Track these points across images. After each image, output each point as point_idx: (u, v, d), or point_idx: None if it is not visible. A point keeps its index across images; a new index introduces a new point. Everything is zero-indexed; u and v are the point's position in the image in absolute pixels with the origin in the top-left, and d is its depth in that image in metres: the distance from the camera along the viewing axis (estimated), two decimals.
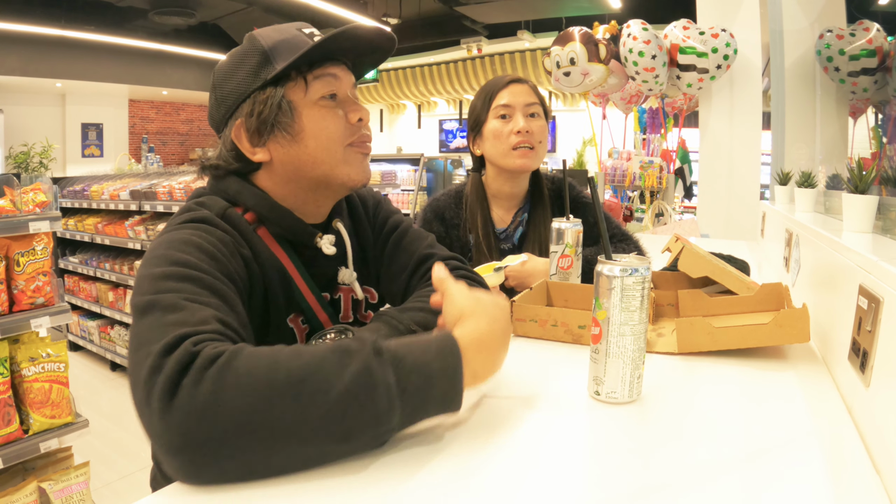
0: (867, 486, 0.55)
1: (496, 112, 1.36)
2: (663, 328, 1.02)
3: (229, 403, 0.51)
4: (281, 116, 0.79)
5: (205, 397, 0.51)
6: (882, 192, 1.10)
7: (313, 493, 0.52)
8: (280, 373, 0.53)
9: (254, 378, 0.52)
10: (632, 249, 1.39)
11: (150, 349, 0.55)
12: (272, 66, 0.79)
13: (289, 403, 0.52)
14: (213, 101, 0.85)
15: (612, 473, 0.57)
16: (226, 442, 0.51)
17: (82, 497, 1.75)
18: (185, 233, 0.74)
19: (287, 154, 0.81)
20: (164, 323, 0.59)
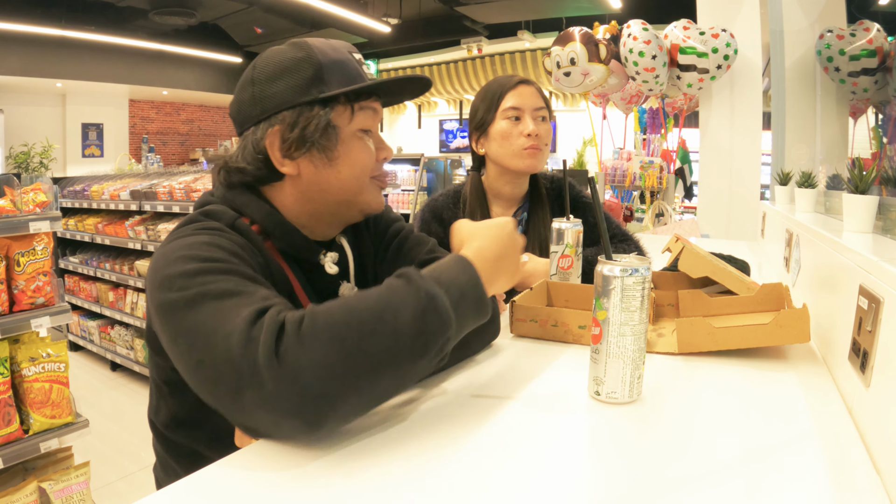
0: (867, 486, 0.55)
1: (505, 113, 1.36)
2: (663, 328, 1.02)
3: (330, 354, 0.56)
4: (324, 139, 0.80)
5: (309, 354, 0.56)
6: (882, 193, 1.10)
7: (312, 494, 0.52)
8: (358, 315, 0.59)
9: (340, 327, 0.58)
10: (632, 250, 1.39)
11: (229, 329, 0.58)
12: (325, 84, 0.79)
13: (376, 337, 0.58)
14: (247, 95, 0.81)
15: (612, 474, 0.57)
16: (337, 388, 0.56)
17: (82, 497, 1.75)
18: (202, 237, 0.73)
19: (317, 174, 0.81)
20: (227, 307, 0.61)
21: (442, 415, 0.69)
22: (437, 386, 0.78)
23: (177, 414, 0.84)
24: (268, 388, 0.55)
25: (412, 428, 0.65)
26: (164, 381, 0.83)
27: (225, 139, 11.88)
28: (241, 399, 0.57)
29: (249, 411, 0.57)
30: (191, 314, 0.62)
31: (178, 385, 0.77)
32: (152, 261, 0.74)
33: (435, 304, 0.62)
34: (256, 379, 0.55)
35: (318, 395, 0.55)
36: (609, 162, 4.42)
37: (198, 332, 0.60)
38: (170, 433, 0.86)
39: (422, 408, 0.71)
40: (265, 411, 0.56)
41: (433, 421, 0.67)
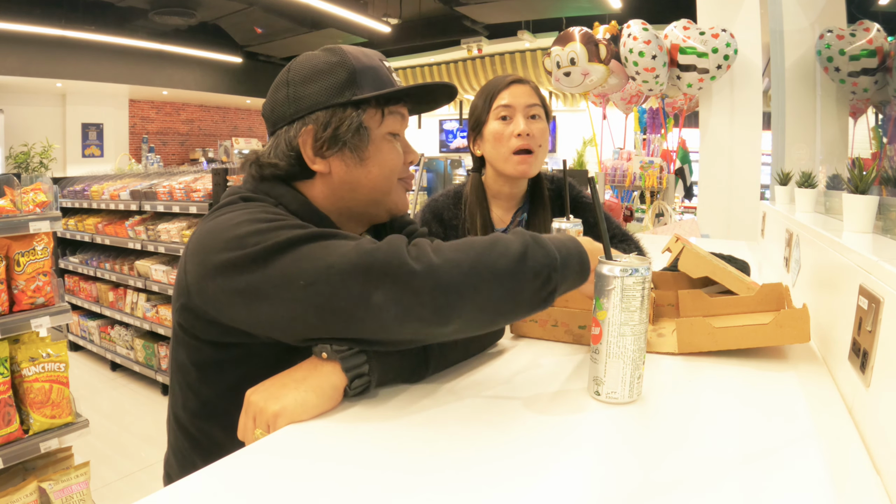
0: (867, 486, 0.55)
1: (497, 113, 1.34)
2: (663, 328, 1.02)
3: (457, 257, 0.65)
4: (356, 139, 0.83)
5: (439, 255, 0.65)
6: (882, 193, 1.10)
7: (316, 490, 0.53)
8: (472, 242, 0.69)
9: (461, 244, 0.68)
10: (632, 249, 1.39)
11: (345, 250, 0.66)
12: (358, 88, 0.83)
13: (491, 254, 0.67)
14: (282, 96, 0.85)
15: (612, 474, 0.57)
16: (465, 283, 0.64)
17: (82, 497, 1.75)
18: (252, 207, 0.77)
19: (349, 173, 0.85)
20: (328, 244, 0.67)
21: (442, 415, 0.69)
22: (438, 386, 0.78)
23: (208, 400, 0.82)
24: (402, 279, 0.62)
25: (412, 428, 0.65)
26: (195, 364, 0.82)
27: (225, 139, 11.87)
28: (369, 301, 0.62)
29: (376, 312, 0.63)
30: (282, 257, 0.66)
31: (212, 366, 0.80)
32: (197, 238, 0.76)
33: (538, 241, 0.70)
34: (389, 276, 0.62)
35: (449, 284, 0.63)
36: (609, 162, 4.42)
37: (301, 263, 0.65)
38: (200, 423, 0.84)
39: (422, 408, 0.71)
40: (397, 304, 0.62)
41: (433, 421, 0.67)
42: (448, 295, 0.64)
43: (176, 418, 0.87)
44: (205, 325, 0.77)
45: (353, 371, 0.69)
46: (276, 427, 0.64)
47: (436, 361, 0.79)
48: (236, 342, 0.77)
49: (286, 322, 0.68)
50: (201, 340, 0.79)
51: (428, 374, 0.79)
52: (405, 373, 0.76)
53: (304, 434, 0.64)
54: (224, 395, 0.79)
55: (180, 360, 0.84)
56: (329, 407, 0.68)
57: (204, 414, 0.83)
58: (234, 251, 0.69)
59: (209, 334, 0.78)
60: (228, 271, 0.69)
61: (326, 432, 0.64)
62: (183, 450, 0.86)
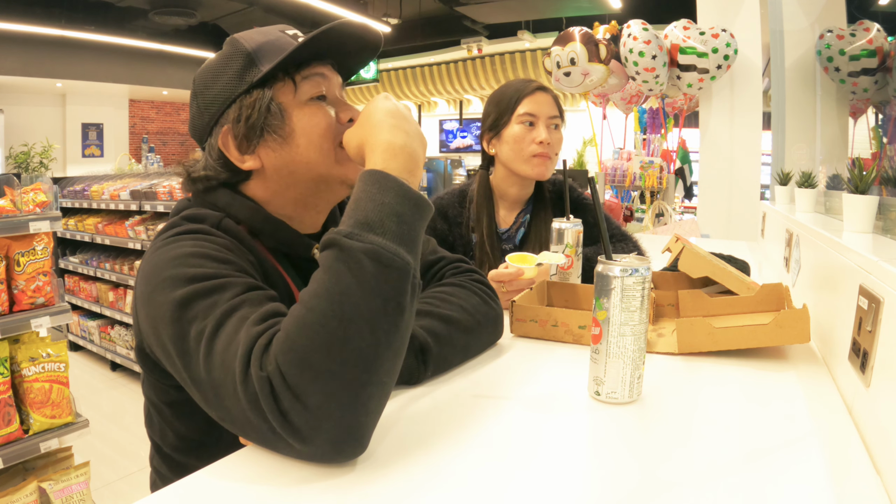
0: (867, 486, 0.55)
1: (521, 118, 1.37)
2: (663, 328, 1.02)
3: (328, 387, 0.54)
4: (270, 119, 0.77)
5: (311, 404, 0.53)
6: (882, 193, 1.10)
7: (314, 494, 0.52)
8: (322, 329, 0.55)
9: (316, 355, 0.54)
10: (631, 250, 1.39)
11: (230, 388, 0.56)
12: (257, 68, 0.76)
13: (355, 338, 0.55)
14: (194, 109, 0.81)
15: (612, 474, 0.57)
16: (355, 407, 0.55)
17: (82, 497, 1.75)
18: (185, 245, 0.69)
19: (279, 158, 0.78)
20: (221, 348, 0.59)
21: (442, 415, 0.69)
22: (438, 386, 0.78)
23: (186, 435, 0.79)
24: (297, 449, 0.55)
25: (412, 428, 0.65)
26: (166, 404, 0.79)
27: None
28: (278, 449, 0.57)
29: (291, 455, 0.57)
30: (193, 365, 0.61)
31: (184, 405, 0.74)
32: (139, 277, 0.71)
33: (380, 260, 0.58)
34: (282, 442, 0.55)
35: (343, 429, 0.55)
36: (609, 162, 4.42)
37: (207, 389, 0.59)
38: (180, 456, 0.81)
39: (422, 408, 0.71)
40: (307, 459, 0.57)
41: (433, 421, 0.67)
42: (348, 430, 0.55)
43: (157, 449, 0.84)
44: (162, 370, 0.73)
45: None
46: None
47: (435, 364, 0.78)
48: None
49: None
50: (163, 383, 0.76)
51: (427, 377, 0.78)
52: (403, 376, 0.75)
53: None
54: (201, 430, 0.76)
55: (151, 398, 0.81)
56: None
57: (184, 447, 0.80)
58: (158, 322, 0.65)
59: (168, 378, 0.73)
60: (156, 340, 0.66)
61: None
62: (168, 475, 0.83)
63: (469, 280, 0.92)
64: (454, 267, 0.95)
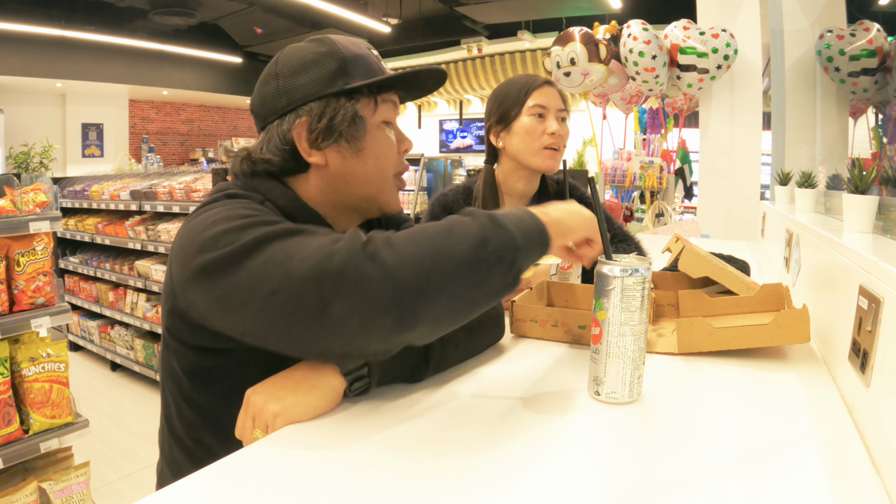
0: (867, 486, 0.55)
1: (532, 110, 1.37)
2: (663, 328, 1.02)
3: (417, 253, 0.60)
4: (352, 129, 0.81)
5: (398, 253, 0.59)
6: (882, 193, 1.10)
7: (315, 492, 0.53)
8: (430, 230, 0.63)
9: (419, 236, 0.62)
10: (632, 250, 1.39)
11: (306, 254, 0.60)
12: (349, 77, 0.81)
13: (452, 242, 0.61)
14: (271, 89, 0.82)
15: (611, 474, 0.57)
16: (429, 282, 0.59)
17: (82, 497, 1.75)
18: (234, 204, 0.73)
19: (345, 165, 0.83)
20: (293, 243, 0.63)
21: (442, 414, 0.69)
22: (438, 386, 0.78)
23: (202, 409, 0.80)
24: (359, 287, 0.57)
25: (413, 428, 0.65)
26: (186, 373, 0.80)
27: (225, 139, 11.88)
28: (329, 312, 0.58)
29: (337, 323, 0.59)
30: (251, 259, 0.62)
31: (204, 373, 0.78)
32: (179, 237, 0.73)
33: (497, 222, 0.65)
34: (345, 283, 0.57)
35: (409, 285, 0.58)
36: (609, 162, 4.42)
37: (266, 267, 0.61)
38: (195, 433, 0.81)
39: (423, 408, 0.71)
40: (357, 314, 0.58)
41: (434, 421, 0.67)
42: (411, 296, 0.59)
43: (170, 428, 0.85)
44: (191, 330, 0.75)
45: (353, 374, 0.69)
46: (275, 428, 0.64)
47: (436, 361, 0.79)
48: (224, 348, 0.74)
49: (259, 333, 0.65)
50: (189, 347, 0.77)
51: (428, 374, 0.78)
52: (405, 373, 0.76)
53: (303, 433, 0.64)
54: (218, 403, 0.78)
55: (171, 368, 0.82)
56: (328, 408, 0.68)
57: (199, 423, 0.81)
58: (209, 252, 0.66)
59: (196, 339, 0.76)
60: (205, 275, 0.66)
61: (325, 431, 0.64)
62: (178, 460, 0.84)
63: None
64: None
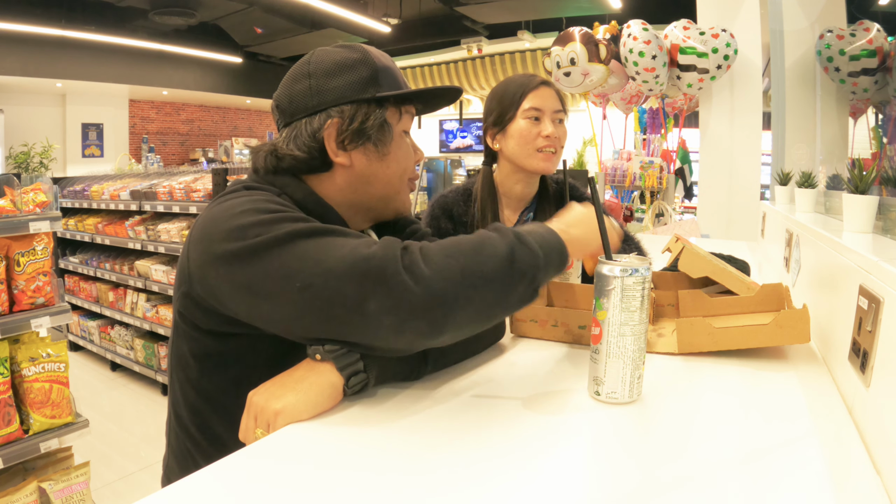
0: (867, 486, 0.55)
1: (527, 113, 1.36)
2: (663, 328, 1.02)
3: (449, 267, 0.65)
4: (381, 134, 0.86)
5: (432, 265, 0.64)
6: (882, 193, 1.10)
7: (314, 491, 0.53)
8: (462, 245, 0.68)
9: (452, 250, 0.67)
10: (632, 250, 1.39)
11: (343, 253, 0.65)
12: (379, 86, 0.86)
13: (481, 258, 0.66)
14: (303, 86, 0.85)
15: (611, 474, 0.57)
16: (458, 293, 0.64)
17: (82, 497, 1.75)
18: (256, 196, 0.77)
19: (369, 167, 0.87)
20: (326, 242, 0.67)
21: (442, 414, 0.69)
22: (438, 386, 0.78)
23: (209, 395, 0.82)
24: (396, 292, 0.61)
25: (413, 427, 0.65)
26: (195, 357, 0.82)
27: (225, 139, 11.87)
28: (364, 309, 0.62)
29: (371, 321, 0.63)
30: (284, 252, 0.66)
31: (212, 358, 0.80)
32: (200, 225, 0.76)
33: (523, 241, 0.70)
34: (384, 285, 0.62)
35: (443, 296, 0.63)
36: (609, 162, 4.42)
37: (302, 263, 0.65)
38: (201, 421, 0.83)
39: (423, 407, 0.71)
40: (392, 315, 0.62)
41: (434, 420, 0.67)
42: (442, 307, 0.64)
43: (177, 417, 0.86)
44: (205, 314, 0.77)
45: (349, 369, 0.69)
46: (276, 426, 0.64)
47: (434, 360, 0.79)
48: (235, 333, 0.77)
49: (285, 322, 0.69)
50: (201, 331, 0.79)
51: (427, 371, 0.79)
52: (404, 370, 0.76)
53: (304, 433, 0.64)
54: (225, 389, 0.80)
55: (180, 352, 0.84)
56: (329, 406, 0.68)
57: (205, 410, 0.83)
58: (235, 241, 0.69)
59: (209, 324, 0.78)
60: (230, 262, 0.69)
61: (326, 431, 0.64)
62: (183, 451, 0.85)
63: None
64: None
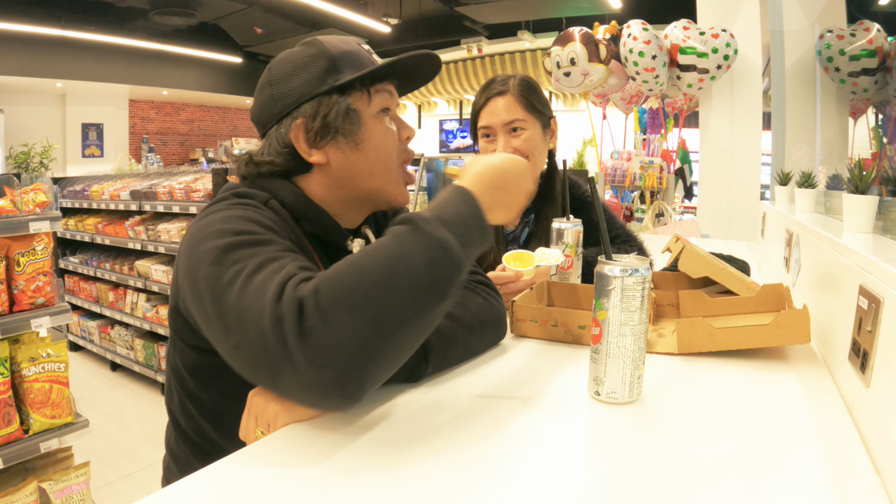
0: (867, 486, 0.55)
1: (481, 132, 1.37)
2: (664, 328, 1.02)
3: (354, 324, 0.57)
4: (347, 123, 0.83)
5: (334, 331, 0.56)
6: (882, 193, 1.10)
7: (314, 492, 0.53)
8: (371, 276, 0.59)
9: (356, 294, 0.58)
10: (634, 251, 1.39)
11: (258, 310, 0.59)
12: (339, 74, 0.83)
13: (394, 294, 0.58)
14: (266, 96, 0.85)
15: (612, 474, 0.57)
16: (368, 356, 0.58)
17: (82, 497, 1.75)
18: (235, 210, 0.75)
19: (346, 160, 0.84)
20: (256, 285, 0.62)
21: (442, 414, 0.69)
22: (438, 385, 0.78)
23: (206, 405, 0.82)
24: (301, 371, 0.56)
25: (413, 427, 0.65)
26: (189, 371, 0.82)
27: (225, 139, 11.87)
28: (280, 381, 0.59)
29: (290, 392, 0.60)
30: (225, 296, 0.64)
31: (206, 371, 0.79)
32: (185, 239, 0.76)
33: (446, 250, 0.62)
34: (290, 364, 0.57)
35: (350, 368, 0.57)
36: (609, 162, 4.42)
37: (232, 315, 0.62)
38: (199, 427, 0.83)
39: (422, 407, 0.71)
40: (304, 391, 0.58)
41: (433, 420, 0.67)
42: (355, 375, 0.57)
43: (175, 422, 0.86)
44: (191, 330, 0.77)
45: None
46: (277, 426, 0.64)
47: (436, 361, 0.79)
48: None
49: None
50: (190, 345, 0.79)
51: (427, 373, 0.78)
52: (404, 372, 0.76)
53: (304, 433, 0.64)
54: (222, 401, 0.79)
55: (175, 364, 0.84)
56: None
57: (201, 419, 0.83)
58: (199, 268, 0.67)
59: (195, 339, 0.77)
60: (193, 286, 0.68)
61: (325, 431, 0.64)
62: (183, 454, 0.86)
63: (471, 281, 0.92)
64: None
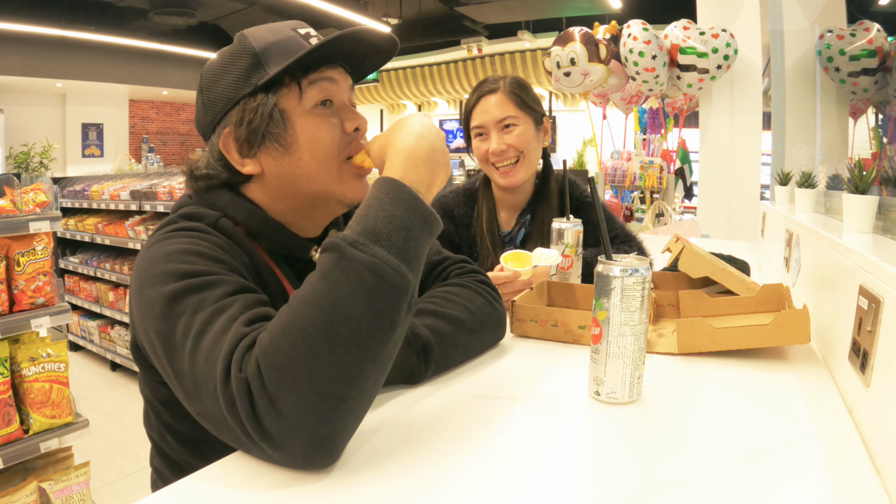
0: (867, 486, 0.55)
1: (474, 132, 1.37)
2: (664, 328, 1.02)
3: (305, 399, 0.52)
4: (272, 126, 0.74)
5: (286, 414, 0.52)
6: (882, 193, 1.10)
7: (314, 493, 0.53)
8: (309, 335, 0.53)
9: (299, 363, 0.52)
10: (633, 251, 1.39)
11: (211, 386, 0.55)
12: (264, 70, 0.74)
13: (340, 349, 0.53)
14: (199, 105, 0.79)
15: (611, 474, 0.57)
16: (330, 421, 0.53)
17: (82, 497, 1.75)
18: (180, 242, 0.69)
19: (280, 167, 0.76)
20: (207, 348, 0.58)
21: (442, 414, 0.69)
22: (439, 386, 0.78)
23: (184, 433, 0.78)
24: (269, 453, 0.54)
25: (413, 428, 0.65)
26: (160, 402, 0.78)
27: None
28: (252, 453, 0.57)
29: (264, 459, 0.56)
30: (176, 359, 0.60)
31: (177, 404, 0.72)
32: (134, 270, 0.71)
33: (381, 276, 0.55)
34: (256, 445, 0.54)
35: (315, 438, 0.53)
36: (609, 162, 4.42)
37: (188, 384, 0.59)
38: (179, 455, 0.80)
39: (422, 407, 0.71)
40: (279, 464, 0.56)
41: (434, 420, 0.67)
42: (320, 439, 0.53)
43: (157, 447, 0.83)
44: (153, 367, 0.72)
45: None
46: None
47: (436, 363, 0.78)
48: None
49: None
50: (157, 381, 0.75)
51: (428, 376, 0.78)
52: (404, 374, 0.76)
53: None
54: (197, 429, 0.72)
55: (147, 397, 0.80)
56: None
57: (180, 445, 0.79)
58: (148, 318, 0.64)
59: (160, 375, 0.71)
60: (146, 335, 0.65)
61: None
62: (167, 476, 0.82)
63: (473, 281, 0.92)
64: (458, 267, 0.95)
